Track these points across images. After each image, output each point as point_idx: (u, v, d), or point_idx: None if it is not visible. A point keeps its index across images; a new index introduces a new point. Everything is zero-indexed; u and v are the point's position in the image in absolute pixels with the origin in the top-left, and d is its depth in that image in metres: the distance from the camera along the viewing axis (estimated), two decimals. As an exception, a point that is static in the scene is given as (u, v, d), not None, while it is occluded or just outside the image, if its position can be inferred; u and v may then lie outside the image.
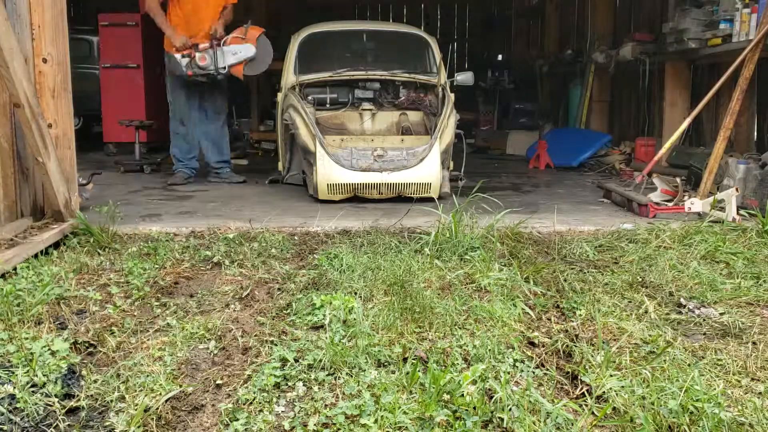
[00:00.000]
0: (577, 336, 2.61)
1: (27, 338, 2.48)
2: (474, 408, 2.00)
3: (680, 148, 6.48)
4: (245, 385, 2.22)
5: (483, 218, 4.10)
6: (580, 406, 2.07)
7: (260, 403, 2.10)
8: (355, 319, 2.65)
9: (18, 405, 2.06)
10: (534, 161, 8.38)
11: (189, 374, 2.33)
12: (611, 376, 2.19)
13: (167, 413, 2.06)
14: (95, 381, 2.23)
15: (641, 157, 7.32)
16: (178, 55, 6.13)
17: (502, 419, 1.96)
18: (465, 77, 6.53)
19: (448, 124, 5.63)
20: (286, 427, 1.98)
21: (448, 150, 5.62)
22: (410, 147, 5.49)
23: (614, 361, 2.33)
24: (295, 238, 4.06)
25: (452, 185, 5.64)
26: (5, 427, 1.97)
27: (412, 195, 5.28)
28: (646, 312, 2.86)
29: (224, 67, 6.14)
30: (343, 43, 7.06)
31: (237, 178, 6.62)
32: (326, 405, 2.08)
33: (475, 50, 16.13)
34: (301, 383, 2.21)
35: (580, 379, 2.26)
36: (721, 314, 2.88)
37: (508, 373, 2.26)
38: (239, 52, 6.17)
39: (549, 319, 2.82)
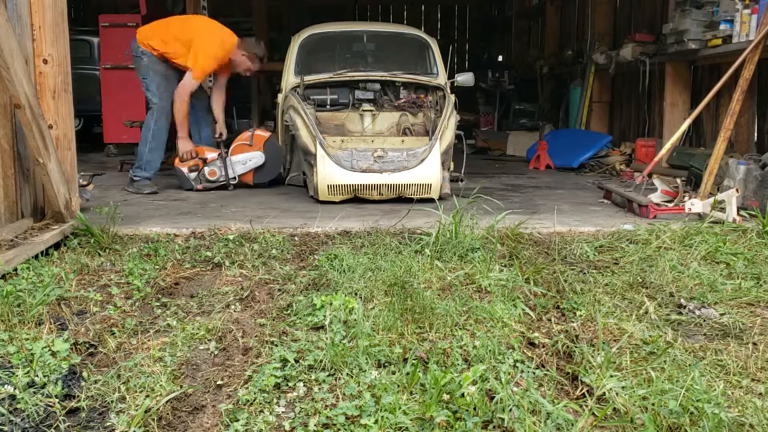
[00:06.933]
0: (577, 336, 2.61)
1: (27, 339, 2.49)
2: (474, 408, 2.00)
3: (680, 149, 6.48)
4: (246, 386, 2.22)
5: (483, 219, 4.10)
6: (581, 406, 2.07)
7: (261, 403, 2.10)
8: (355, 319, 2.65)
9: (18, 405, 2.06)
10: (534, 162, 8.39)
11: (189, 375, 2.34)
12: (612, 376, 2.19)
13: (168, 414, 2.06)
14: (96, 381, 2.24)
15: (641, 157, 7.33)
16: (185, 169, 6.00)
17: (503, 419, 1.96)
18: (465, 78, 6.52)
19: (449, 125, 5.64)
20: (286, 427, 1.98)
21: (449, 151, 5.62)
22: (410, 148, 5.49)
23: (614, 362, 2.33)
24: (296, 238, 4.06)
25: (452, 186, 5.64)
26: (5, 428, 1.97)
27: (412, 196, 5.28)
28: (646, 312, 2.86)
29: (234, 178, 6.08)
30: (343, 44, 7.07)
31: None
32: (327, 405, 2.08)
33: (476, 51, 16.14)
34: (301, 384, 2.21)
35: (581, 380, 2.26)
36: (722, 315, 2.88)
37: (509, 373, 2.26)
38: (249, 161, 6.08)
39: (549, 320, 2.82)
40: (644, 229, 4.12)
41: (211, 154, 6.06)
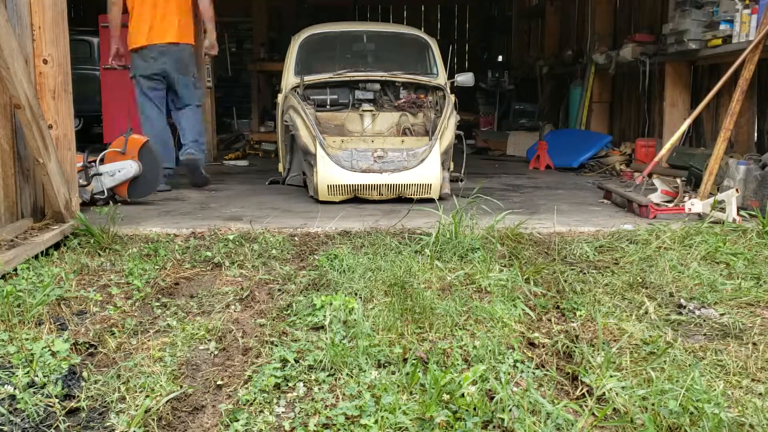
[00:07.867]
0: (577, 337, 2.61)
1: (27, 339, 2.49)
2: (474, 408, 2.00)
3: (680, 149, 6.48)
4: (246, 386, 2.22)
5: (483, 219, 4.10)
6: (581, 406, 2.07)
7: (261, 403, 2.10)
8: (355, 319, 2.65)
9: (18, 406, 2.06)
10: (534, 162, 8.39)
11: (189, 375, 2.33)
12: (611, 376, 2.19)
13: (168, 414, 2.06)
14: (96, 382, 2.24)
15: (641, 157, 7.33)
16: None
17: (503, 420, 1.96)
18: (465, 78, 6.53)
19: (449, 125, 5.64)
20: (286, 427, 1.98)
21: (449, 151, 5.62)
22: (410, 148, 5.50)
23: (614, 362, 2.33)
24: (296, 239, 4.06)
25: (452, 186, 5.65)
26: (5, 428, 1.97)
27: (412, 196, 5.28)
28: (646, 313, 2.86)
29: (102, 192, 5.10)
30: (343, 44, 7.07)
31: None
32: (326, 405, 2.08)
33: (476, 51, 16.14)
34: (301, 384, 2.21)
35: (581, 380, 2.26)
36: (722, 315, 2.88)
37: (509, 373, 2.26)
38: (118, 172, 5.13)
39: (549, 320, 2.82)
40: (644, 229, 4.12)
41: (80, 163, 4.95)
